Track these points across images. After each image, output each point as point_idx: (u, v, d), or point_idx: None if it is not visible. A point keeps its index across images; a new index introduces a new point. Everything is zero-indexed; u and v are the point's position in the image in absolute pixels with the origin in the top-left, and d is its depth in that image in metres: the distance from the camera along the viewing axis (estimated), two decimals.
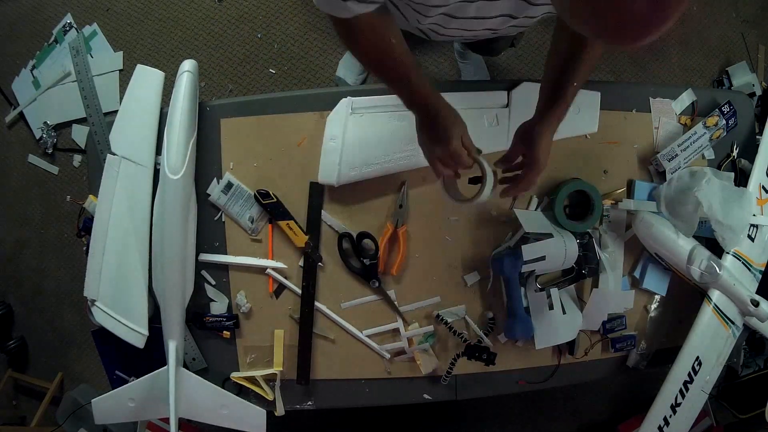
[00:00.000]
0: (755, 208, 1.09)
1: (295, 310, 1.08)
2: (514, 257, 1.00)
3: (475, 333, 1.08)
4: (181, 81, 1.01)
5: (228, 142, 1.07)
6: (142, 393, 1.04)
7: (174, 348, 1.01)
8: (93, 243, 1.02)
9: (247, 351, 1.09)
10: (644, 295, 1.13)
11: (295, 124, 1.06)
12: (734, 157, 1.14)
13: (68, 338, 2.03)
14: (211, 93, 1.92)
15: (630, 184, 1.11)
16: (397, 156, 1.02)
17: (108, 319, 1.03)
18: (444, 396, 1.11)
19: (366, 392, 1.10)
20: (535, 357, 1.10)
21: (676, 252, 1.04)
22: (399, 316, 1.08)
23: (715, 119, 1.09)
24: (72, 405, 1.81)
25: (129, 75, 1.08)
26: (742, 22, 2.02)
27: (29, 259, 2.05)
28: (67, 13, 1.98)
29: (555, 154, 1.07)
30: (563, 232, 1.02)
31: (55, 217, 2.02)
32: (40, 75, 1.99)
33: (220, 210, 1.07)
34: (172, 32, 1.94)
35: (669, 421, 1.05)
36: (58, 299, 2.03)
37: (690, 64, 2.00)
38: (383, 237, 1.05)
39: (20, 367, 2.05)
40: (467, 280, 1.08)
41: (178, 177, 0.98)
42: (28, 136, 2.01)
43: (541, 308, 1.04)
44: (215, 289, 1.08)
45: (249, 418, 1.06)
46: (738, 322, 1.07)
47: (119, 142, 1.05)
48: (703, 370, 1.05)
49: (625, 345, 1.11)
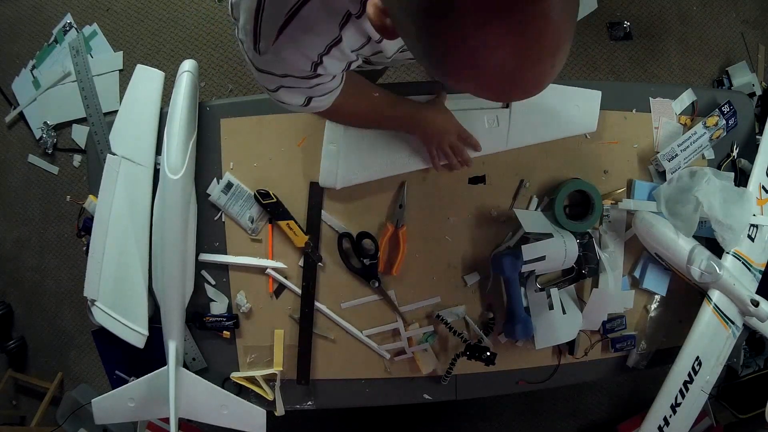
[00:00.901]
0: (755, 208, 1.09)
1: (295, 310, 1.08)
2: (514, 257, 1.00)
3: (475, 333, 1.08)
4: (181, 81, 1.01)
5: (228, 142, 1.07)
6: (142, 393, 1.04)
7: (174, 348, 1.01)
8: (93, 243, 1.02)
9: (247, 351, 1.09)
10: (644, 295, 1.13)
11: (295, 124, 1.06)
12: (734, 157, 1.14)
13: (68, 338, 2.03)
14: (211, 93, 1.92)
15: (630, 184, 1.11)
16: (397, 158, 1.02)
17: (108, 319, 1.03)
18: (444, 396, 1.11)
19: (366, 392, 1.10)
20: (535, 357, 1.10)
21: (676, 252, 1.04)
22: (399, 316, 1.08)
23: (715, 119, 1.09)
24: (72, 405, 1.81)
25: (129, 75, 1.08)
26: (742, 22, 2.02)
27: (29, 258, 2.05)
28: (67, 13, 1.98)
29: (555, 154, 1.08)
30: (563, 232, 1.02)
31: (55, 217, 2.02)
32: (40, 75, 1.99)
33: (220, 210, 1.07)
34: (172, 32, 1.94)
35: (669, 421, 1.05)
36: (58, 299, 2.03)
37: (690, 64, 2.00)
38: (384, 237, 1.05)
39: (20, 367, 2.05)
40: (467, 280, 1.08)
41: (178, 177, 0.98)
42: (28, 136, 2.01)
43: (541, 308, 1.04)
44: (215, 289, 1.08)
45: (249, 418, 1.06)
46: (738, 322, 1.07)
47: (119, 142, 1.05)
48: (703, 370, 1.05)
49: (625, 345, 1.11)
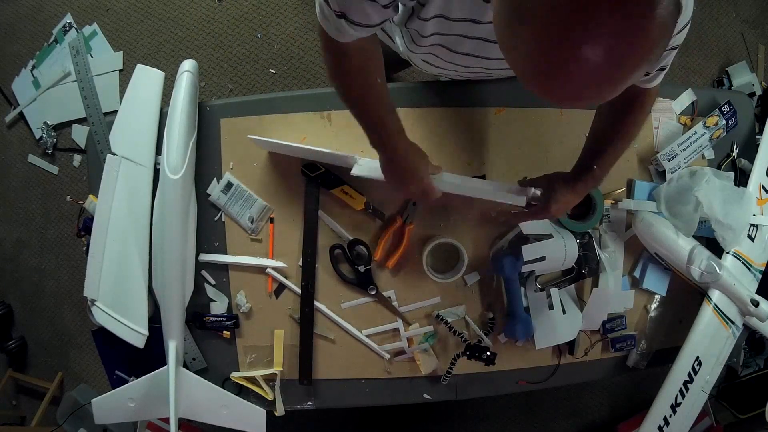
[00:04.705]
0: (755, 207, 1.09)
1: (295, 310, 1.08)
2: (514, 257, 1.00)
3: (475, 333, 1.08)
4: (181, 81, 1.01)
5: (228, 142, 1.07)
6: (142, 393, 1.04)
7: (174, 348, 1.01)
8: (93, 243, 1.02)
9: (247, 351, 1.09)
10: (644, 295, 1.13)
11: (295, 124, 1.06)
12: (734, 157, 1.14)
13: (68, 338, 2.03)
14: (211, 93, 1.92)
15: (630, 184, 1.11)
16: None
17: (108, 319, 1.03)
18: (444, 396, 1.11)
19: (366, 392, 1.10)
20: (535, 357, 1.10)
21: (676, 252, 1.04)
22: (399, 317, 1.08)
23: (715, 119, 1.09)
24: (72, 405, 1.81)
25: (129, 75, 1.08)
26: (742, 22, 2.02)
27: (29, 259, 2.05)
28: (67, 13, 1.98)
29: (555, 154, 1.08)
30: (563, 232, 1.02)
31: (55, 217, 2.02)
32: (40, 75, 1.99)
33: (220, 210, 1.07)
34: (172, 32, 1.94)
35: (669, 421, 1.05)
36: (58, 299, 2.03)
37: (690, 64, 2.00)
38: (390, 228, 1.04)
39: (20, 367, 2.05)
40: (467, 280, 1.08)
41: (178, 177, 0.98)
42: (28, 136, 2.01)
43: (541, 308, 1.04)
44: (215, 289, 1.08)
45: (249, 418, 1.06)
46: (738, 322, 1.07)
47: (119, 142, 1.05)
48: (703, 370, 1.05)
49: (625, 345, 1.11)
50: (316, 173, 1.04)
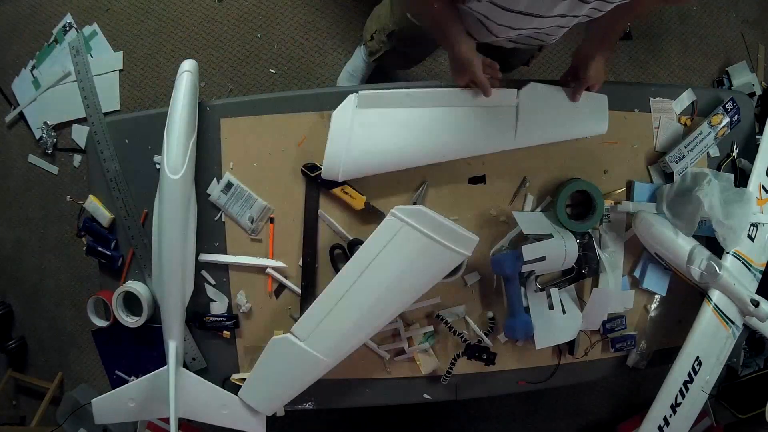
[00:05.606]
0: (755, 207, 1.09)
1: (295, 309, 1.08)
2: (514, 257, 1.00)
3: (475, 333, 1.08)
4: (181, 81, 1.01)
5: (228, 142, 1.07)
6: (142, 393, 1.04)
7: (174, 348, 1.01)
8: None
9: (247, 351, 1.09)
10: (644, 295, 1.13)
11: (295, 124, 1.06)
12: (734, 157, 1.14)
13: (68, 338, 2.03)
14: (211, 93, 1.91)
15: (629, 186, 1.11)
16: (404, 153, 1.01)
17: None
18: (444, 396, 1.11)
19: (366, 392, 1.10)
20: (535, 357, 1.10)
21: (676, 252, 1.04)
22: (399, 317, 1.08)
23: (719, 117, 1.09)
24: (72, 405, 1.81)
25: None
26: (742, 22, 2.02)
27: (29, 259, 2.05)
28: (67, 13, 1.98)
29: (555, 154, 1.08)
30: (563, 232, 1.02)
31: (55, 217, 2.02)
32: (40, 75, 1.99)
33: (220, 210, 1.07)
34: (172, 32, 1.94)
35: (669, 421, 1.05)
36: (58, 299, 2.03)
37: (690, 64, 2.00)
38: None
39: (20, 367, 2.05)
40: (467, 280, 1.08)
41: (178, 177, 0.98)
42: (28, 136, 2.01)
43: (541, 308, 1.04)
44: (215, 289, 1.08)
45: (249, 418, 1.06)
46: (738, 322, 1.07)
47: None
48: (703, 370, 1.05)
49: (625, 345, 1.11)
50: (316, 173, 1.04)
